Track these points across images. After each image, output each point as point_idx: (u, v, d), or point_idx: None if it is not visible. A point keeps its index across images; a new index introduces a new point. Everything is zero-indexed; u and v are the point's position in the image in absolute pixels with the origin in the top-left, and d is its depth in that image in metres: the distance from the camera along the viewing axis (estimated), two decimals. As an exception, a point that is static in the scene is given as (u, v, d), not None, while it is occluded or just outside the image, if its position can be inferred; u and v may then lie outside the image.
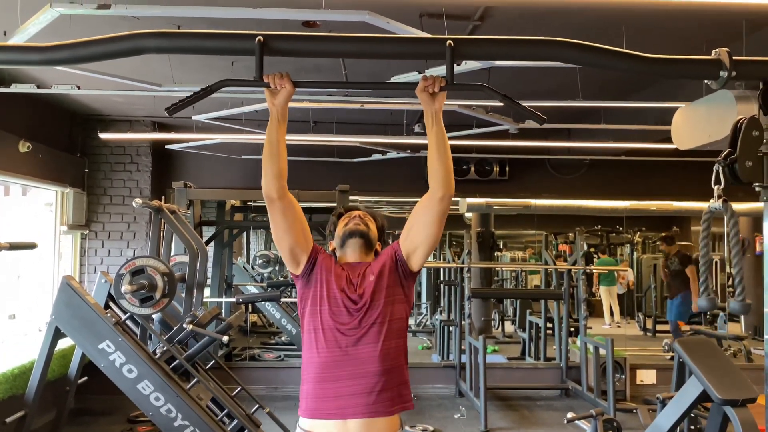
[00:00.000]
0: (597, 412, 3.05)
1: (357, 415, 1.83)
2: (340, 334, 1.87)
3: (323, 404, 1.85)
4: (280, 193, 1.87)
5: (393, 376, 1.88)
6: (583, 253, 6.48)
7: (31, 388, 3.41)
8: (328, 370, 1.85)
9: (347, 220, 2.07)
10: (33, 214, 6.21)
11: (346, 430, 1.83)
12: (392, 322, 1.90)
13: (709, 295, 1.78)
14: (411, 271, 1.97)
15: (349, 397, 1.83)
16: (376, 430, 1.84)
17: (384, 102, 4.39)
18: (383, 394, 1.85)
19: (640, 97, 5.38)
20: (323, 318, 1.89)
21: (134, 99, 5.75)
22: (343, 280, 1.94)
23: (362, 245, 2.02)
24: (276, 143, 1.88)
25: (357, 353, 1.86)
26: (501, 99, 1.80)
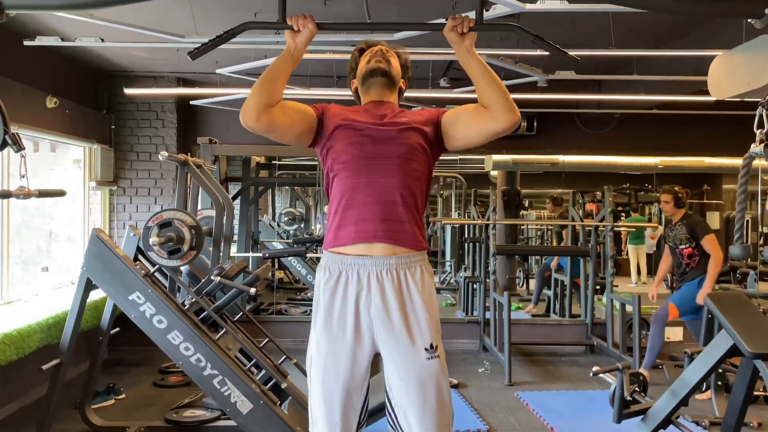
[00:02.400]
0: (623, 365, 3.02)
1: (383, 239, 1.82)
2: (364, 159, 1.85)
3: (350, 229, 1.84)
4: (258, 114, 1.80)
5: (412, 213, 1.86)
6: (611, 210, 6.37)
7: (66, 338, 3.49)
8: (354, 195, 1.84)
9: (369, 56, 2.01)
10: (62, 170, 6.30)
11: (372, 248, 1.82)
12: (413, 162, 1.87)
13: (744, 243, 1.73)
14: (442, 144, 1.94)
15: (375, 221, 1.82)
16: (400, 250, 1.83)
17: (409, 53, 4.29)
18: (405, 225, 1.84)
19: (675, 46, 5.18)
20: (348, 150, 1.86)
21: (158, 53, 5.73)
22: (365, 113, 1.93)
23: (385, 83, 1.97)
24: (280, 74, 1.84)
25: (380, 182, 1.84)
26: (532, 39, 1.74)
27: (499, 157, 7.64)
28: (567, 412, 4.28)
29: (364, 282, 1.81)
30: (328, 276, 1.85)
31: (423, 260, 1.88)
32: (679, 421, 2.76)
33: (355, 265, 1.82)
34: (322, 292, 1.86)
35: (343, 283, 1.83)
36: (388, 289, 1.81)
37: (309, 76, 5.77)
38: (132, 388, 4.72)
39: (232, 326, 3.79)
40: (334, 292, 1.84)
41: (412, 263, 1.85)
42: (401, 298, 1.81)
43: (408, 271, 1.83)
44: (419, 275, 1.85)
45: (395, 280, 1.81)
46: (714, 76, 3.55)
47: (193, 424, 3.89)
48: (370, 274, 1.81)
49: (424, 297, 1.83)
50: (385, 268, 1.81)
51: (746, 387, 2.64)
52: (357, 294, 1.82)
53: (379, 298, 1.81)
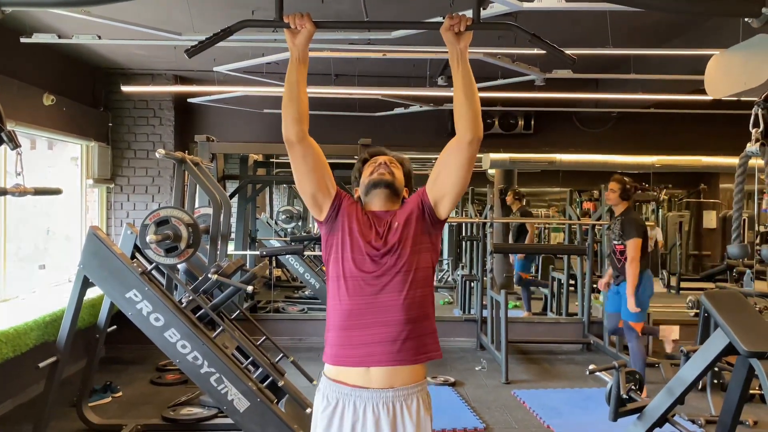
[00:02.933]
0: (619, 364, 3.03)
1: (381, 363, 1.82)
2: (364, 282, 1.85)
3: (347, 351, 1.85)
4: (299, 136, 1.83)
5: (418, 325, 1.86)
6: (608, 209, 6.38)
7: (62, 335, 3.49)
8: (352, 318, 1.84)
9: (372, 168, 2.00)
10: (59, 168, 6.28)
11: (369, 377, 1.83)
12: (418, 271, 1.87)
13: (741, 242, 1.73)
14: (438, 218, 1.93)
15: (373, 345, 1.82)
16: (399, 379, 1.83)
17: (406, 51, 4.30)
18: (407, 343, 1.83)
19: (672, 45, 5.19)
20: (346, 266, 1.87)
21: (155, 51, 5.72)
22: (368, 228, 1.91)
23: (388, 195, 1.97)
24: (296, 85, 1.84)
25: (381, 302, 1.83)
26: (529, 38, 1.73)
27: (497, 155, 7.65)
28: (564, 410, 4.29)
29: (360, 413, 1.83)
30: (326, 404, 1.87)
31: (421, 391, 1.89)
32: (675, 419, 2.77)
33: (352, 396, 1.84)
34: (319, 420, 1.88)
35: (340, 412, 1.85)
36: (383, 422, 1.82)
37: (308, 75, 5.76)
38: (129, 386, 4.72)
39: (229, 324, 3.80)
40: (330, 423, 1.85)
41: (409, 395, 1.86)
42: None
43: (405, 403, 1.84)
44: (415, 408, 1.85)
45: (391, 413, 1.83)
46: (711, 75, 3.55)
47: (190, 422, 3.90)
48: (366, 407, 1.83)
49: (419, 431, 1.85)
50: (382, 401, 1.83)
51: (742, 385, 2.65)
52: (353, 425, 1.83)
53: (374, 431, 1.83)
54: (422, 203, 1.92)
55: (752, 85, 3.08)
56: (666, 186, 9.69)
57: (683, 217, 9.86)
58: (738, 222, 1.72)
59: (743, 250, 1.72)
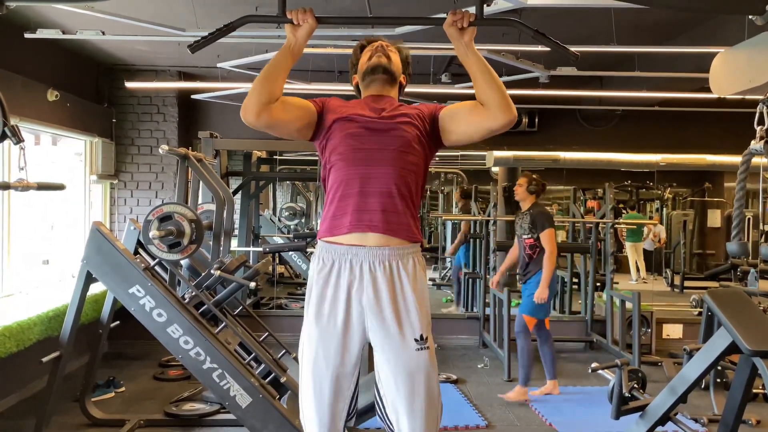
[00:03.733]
0: (622, 362, 3.03)
1: (374, 229, 1.83)
2: (362, 148, 1.86)
3: (341, 221, 1.86)
4: (257, 115, 1.82)
5: (408, 205, 1.87)
6: (611, 207, 6.36)
7: (66, 330, 3.50)
8: (348, 187, 1.86)
9: (369, 53, 2.02)
10: (63, 163, 6.30)
11: (366, 238, 1.83)
12: (410, 156, 1.88)
13: (741, 240, 1.73)
14: (440, 139, 1.95)
15: (369, 212, 1.83)
16: (394, 241, 1.84)
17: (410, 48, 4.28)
18: (400, 216, 1.85)
19: (677, 43, 5.17)
20: (342, 144, 1.88)
21: (159, 47, 5.72)
22: (364, 107, 1.94)
23: (385, 79, 1.99)
24: (280, 70, 1.85)
25: (374, 172, 1.85)
26: (533, 34, 1.73)
27: (500, 153, 7.63)
28: (566, 408, 4.29)
29: (357, 272, 1.83)
30: (321, 265, 1.87)
31: (416, 252, 1.90)
32: (678, 417, 2.77)
33: (348, 254, 1.83)
34: (315, 282, 1.87)
35: (336, 272, 1.84)
36: (380, 279, 1.82)
37: (310, 71, 5.77)
38: (132, 381, 4.73)
39: (231, 320, 3.80)
40: (326, 282, 1.85)
41: (405, 255, 1.86)
42: (393, 289, 1.82)
43: (401, 262, 1.84)
44: (411, 267, 1.86)
45: (387, 270, 1.83)
46: (716, 73, 3.54)
47: (192, 418, 3.91)
48: (363, 264, 1.83)
49: (416, 289, 1.85)
50: (378, 259, 1.83)
51: (745, 384, 2.64)
52: (349, 283, 1.83)
53: (371, 289, 1.82)
54: (434, 115, 1.94)
55: (757, 83, 3.07)
56: (670, 184, 9.66)
57: (687, 216, 9.81)
58: (739, 219, 1.71)
59: (742, 248, 1.72)
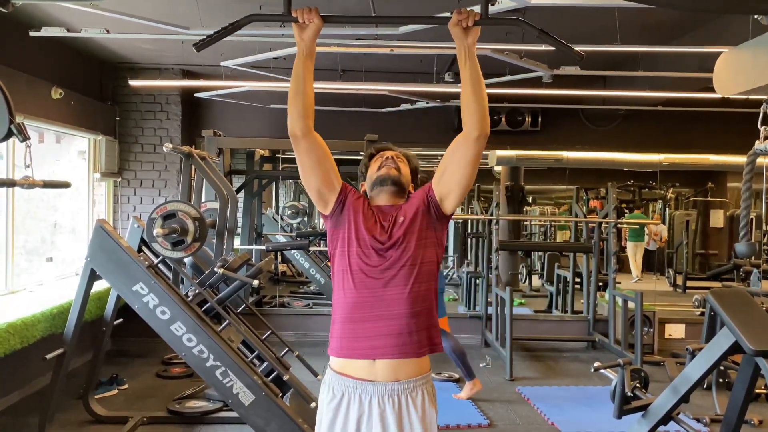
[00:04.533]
0: (624, 361, 3.03)
1: (385, 355, 1.83)
2: (369, 275, 1.85)
3: (352, 344, 1.86)
4: (304, 131, 1.84)
5: (422, 318, 1.86)
6: (614, 207, 6.36)
7: (69, 327, 3.51)
8: (357, 311, 1.85)
9: (379, 162, 2.01)
10: (67, 161, 6.31)
11: (374, 369, 1.83)
12: (423, 265, 1.87)
13: (749, 240, 1.73)
14: (444, 213, 1.93)
15: (378, 337, 1.83)
16: (404, 372, 1.84)
17: (414, 46, 4.29)
18: (412, 336, 1.84)
19: (681, 43, 5.16)
20: (351, 260, 1.87)
21: (163, 45, 5.73)
22: (373, 222, 1.91)
23: (394, 191, 1.98)
24: (302, 79, 1.84)
25: (386, 295, 1.84)
26: (537, 33, 1.73)
27: (503, 152, 7.63)
28: (568, 408, 4.29)
29: (366, 406, 1.83)
30: (331, 396, 1.88)
31: (426, 384, 1.89)
32: (680, 417, 2.77)
33: (358, 389, 1.84)
34: (325, 413, 1.88)
35: (345, 405, 1.85)
36: (388, 414, 1.83)
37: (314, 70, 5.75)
38: (135, 378, 4.75)
39: (234, 318, 3.81)
40: (335, 415, 1.86)
41: (415, 388, 1.86)
42: (401, 426, 1.83)
43: (410, 396, 1.85)
44: (420, 401, 1.86)
45: (396, 405, 1.83)
46: (719, 72, 3.53)
47: (195, 415, 3.92)
48: (372, 399, 1.83)
49: (424, 425, 1.85)
50: (387, 394, 1.83)
51: (747, 384, 2.64)
52: (358, 418, 1.84)
53: (379, 424, 1.82)
54: (428, 198, 1.93)
55: (762, 83, 3.07)
56: (673, 184, 9.64)
57: (690, 216, 9.80)
58: (746, 220, 1.71)
59: (751, 248, 1.72)
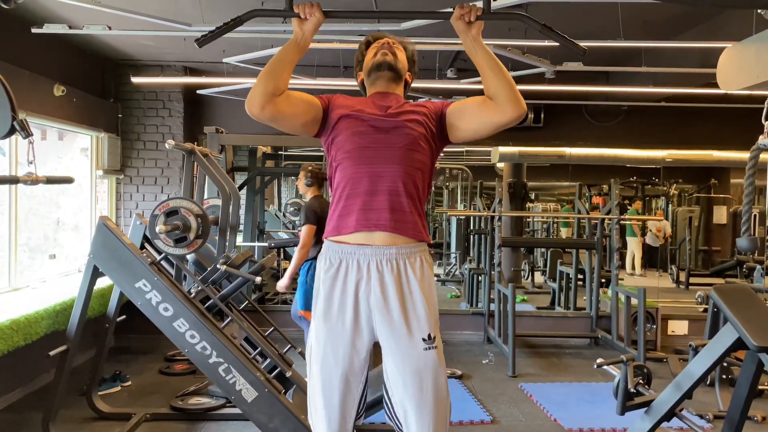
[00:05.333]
0: (627, 357, 3.02)
1: (381, 228, 1.82)
2: (365, 150, 1.85)
3: (347, 220, 1.85)
4: (262, 107, 1.80)
5: (414, 204, 1.86)
6: (617, 203, 6.35)
7: (73, 324, 3.51)
8: (354, 185, 1.85)
9: (375, 49, 2.01)
10: (70, 159, 6.32)
11: (372, 237, 1.82)
12: (417, 153, 1.87)
13: (751, 235, 1.72)
14: (446, 136, 1.94)
15: (375, 210, 1.82)
16: (401, 240, 1.83)
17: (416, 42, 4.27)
18: (406, 215, 1.84)
19: (684, 38, 5.14)
20: (350, 140, 1.87)
21: (165, 42, 5.73)
22: (370, 104, 1.93)
23: (391, 77, 1.98)
24: (286, 63, 1.84)
25: (380, 170, 1.84)
26: (540, 28, 1.73)
27: (506, 149, 7.61)
28: (570, 404, 4.29)
29: (364, 271, 1.82)
30: (329, 265, 1.86)
31: (423, 251, 1.89)
32: (683, 413, 2.76)
33: (355, 254, 1.82)
34: (322, 281, 1.87)
35: (343, 271, 1.83)
36: (387, 278, 1.81)
37: (315, 66, 5.76)
38: (138, 375, 4.76)
39: (237, 315, 3.81)
40: (333, 281, 1.84)
41: (413, 253, 1.85)
42: (400, 288, 1.81)
43: (408, 261, 1.83)
44: (419, 266, 1.85)
45: (395, 269, 1.82)
46: (723, 68, 3.53)
47: (198, 412, 3.93)
48: (370, 263, 1.82)
49: (423, 287, 1.83)
50: (385, 258, 1.82)
51: (751, 381, 2.63)
52: (356, 283, 1.82)
53: (378, 288, 1.81)
54: (441, 113, 1.93)
55: (765, 78, 3.06)
56: (676, 181, 9.63)
57: (693, 212, 9.79)
58: (748, 215, 1.71)
59: (753, 243, 1.71)
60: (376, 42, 2.04)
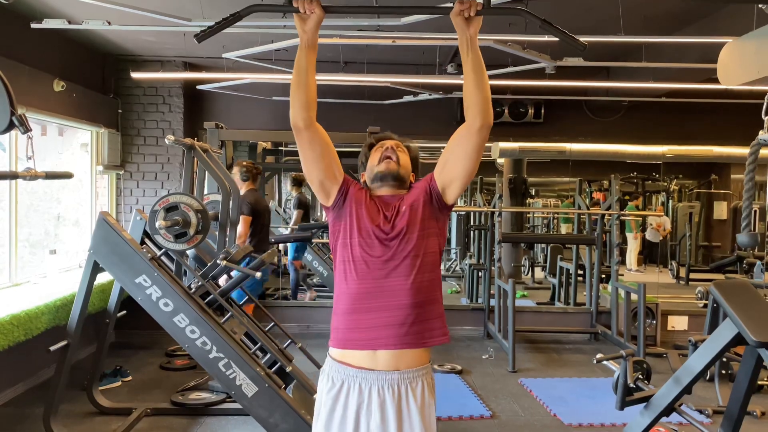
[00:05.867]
0: (627, 353, 3.03)
1: (387, 346, 1.82)
2: (371, 266, 1.85)
3: (354, 335, 1.85)
4: (306, 122, 1.83)
5: (425, 309, 1.86)
6: (617, 199, 6.35)
7: (73, 319, 3.52)
8: (359, 301, 1.85)
9: (379, 153, 2.00)
10: (70, 154, 6.32)
11: (376, 360, 1.83)
12: (426, 255, 1.87)
13: (751, 231, 1.72)
14: (446, 204, 1.93)
15: (380, 328, 1.83)
16: (404, 362, 1.84)
17: (416, 38, 4.27)
18: (414, 326, 1.84)
19: (684, 33, 5.13)
20: (354, 250, 1.87)
21: (165, 38, 5.72)
22: (375, 213, 1.91)
23: (395, 186, 1.97)
24: (305, 71, 1.83)
25: (388, 285, 1.84)
26: (540, 23, 1.72)
27: (506, 144, 7.61)
28: (570, 399, 4.30)
29: (365, 395, 1.83)
30: (331, 385, 1.87)
31: (426, 374, 1.89)
32: (682, 408, 2.77)
33: (358, 378, 1.84)
34: (324, 402, 1.87)
35: (345, 394, 1.85)
36: (388, 404, 1.82)
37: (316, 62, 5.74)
38: (139, 370, 4.77)
39: (237, 310, 3.82)
40: (335, 403, 1.85)
41: (415, 379, 1.86)
42: (399, 416, 1.82)
43: (410, 386, 1.84)
44: (420, 391, 1.85)
45: (396, 395, 1.83)
46: (723, 63, 3.51)
47: (198, 407, 3.94)
48: (372, 388, 1.83)
49: (423, 416, 1.84)
50: (387, 383, 1.83)
51: (750, 376, 2.64)
52: (358, 407, 1.83)
53: (378, 414, 1.81)
54: (430, 188, 1.92)
55: (766, 73, 3.05)
56: (676, 176, 9.63)
57: (693, 208, 9.78)
58: (748, 210, 1.71)
59: (753, 238, 1.71)
60: (380, 145, 2.03)
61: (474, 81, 1.79)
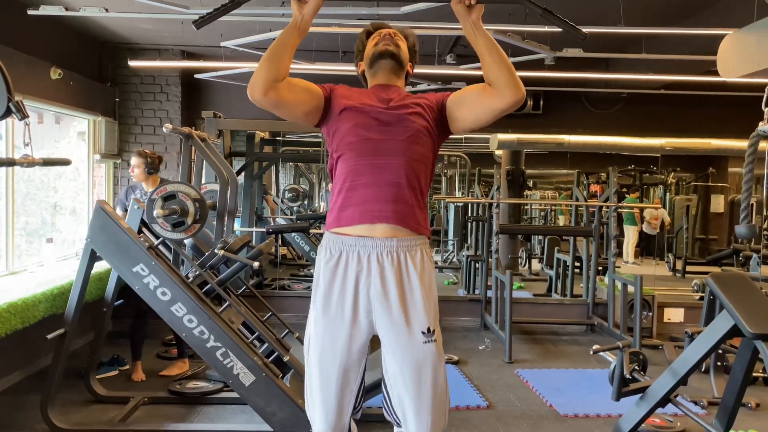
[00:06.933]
0: (623, 344, 3.04)
1: (382, 220, 1.81)
2: (368, 144, 1.84)
3: (349, 212, 1.84)
4: (264, 92, 1.77)
5: (416, 197, 1.86)
6: (615, 191, 6.35)
7: (70, 307, 3.51)
8: (356, 177, 1.84)
9: (377, 39, 1.99)
10: (67, 143, 6.29)
11: (374, 230, 1.82)
12: (418, 146, 1.86)
13: (749, 222, 1.72)
14: (447, 127, 1.94)
15: (377, 201, 1.82)
16: (402, 232, 1.83)
17: (415, 27, 4.24)
18: (408, 207, 1.84)
19: (685, 25, 5.12)
20: (350, 135, 1.85)
21: (162, 25, 5.68)
22: (371, 96, 1.92)
23: (393, 67, 1.96)
24: (287, 47, 1.81)
25: (382, 163, 1.83)
26: (541, 12, 1.71)
27: (505, 136, 7.59)
28: (566, 390, 4.31)
29: (365, 263, 1.81)
30: (329, 256, 1.85)
31: (424, 244, 1.88)
32: (678, 400, 2.78)
33: (356, 245, 1.81)
34: (322, 273, 1.85)
35: (344, 263, 1.82)
36: (387, 271, 1.80)
37: (314, 51, 5.73)
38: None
39: (235, 300, 3.82)
40: (334, 273, 1.83)
41: (413, 246, 1.84)
42: (400, 281, 1.80)
43: (408, 253, 1.83)
44: (419, 258, 1.84)
45: (395, 262, 1.81)
46: (723, 55, 3.51)
47: (195, 396, 3.94)
48: (371, 255, 1.80)
49: (423, 281, 1.83)
50: (386, 250, 1.81)
51: (745, 368, 2.64)
52: (357, 275, 1.81)
53: (378, 280, 1.80)
54: (442, 104, 1.92)
55: (765, 65, 3.05)
56: (674, 169, 9.63)
57: (690, 201, 9.80)
58: (747, 202, 1.70)
59: (752, 230, 1.71)
60: (377, 32, 2.01)
61: (492, 59, 1.76)
